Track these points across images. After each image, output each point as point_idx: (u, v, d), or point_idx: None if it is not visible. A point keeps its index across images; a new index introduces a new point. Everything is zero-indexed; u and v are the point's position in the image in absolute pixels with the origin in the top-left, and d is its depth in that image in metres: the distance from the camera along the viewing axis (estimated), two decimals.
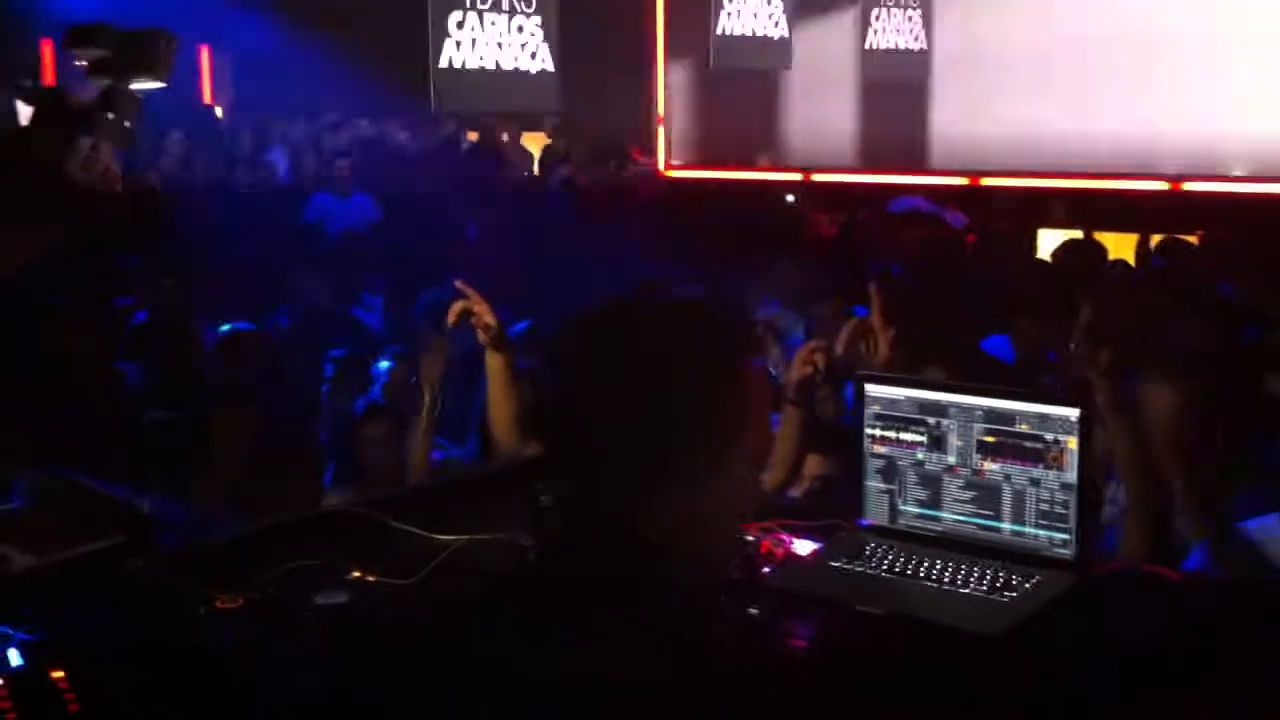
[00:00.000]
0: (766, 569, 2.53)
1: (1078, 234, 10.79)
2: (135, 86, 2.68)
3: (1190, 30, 10.03)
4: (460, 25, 6.49)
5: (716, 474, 1.55)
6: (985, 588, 2.41)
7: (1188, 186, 10.48)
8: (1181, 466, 2.95)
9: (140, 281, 6.63)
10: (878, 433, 2.68)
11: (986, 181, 11.50)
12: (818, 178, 12.49)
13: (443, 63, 6.54)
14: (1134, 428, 2.94)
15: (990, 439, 2.56)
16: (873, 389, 2.69)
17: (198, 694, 2.14)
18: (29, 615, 2.25)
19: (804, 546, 2.65)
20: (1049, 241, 10.73)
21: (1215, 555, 2.87)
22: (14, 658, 2.15)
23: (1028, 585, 2.41)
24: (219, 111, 12.87)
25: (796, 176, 12.66)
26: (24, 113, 2.71)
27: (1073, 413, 2.48)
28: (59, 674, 2.09)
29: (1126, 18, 10.28)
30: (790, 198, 12.20)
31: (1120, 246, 9.51)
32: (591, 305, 1.61)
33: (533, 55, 6.84)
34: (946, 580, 2.45)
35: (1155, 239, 9.04)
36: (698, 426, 1.54)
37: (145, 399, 5.50)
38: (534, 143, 13.08)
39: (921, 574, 2.48)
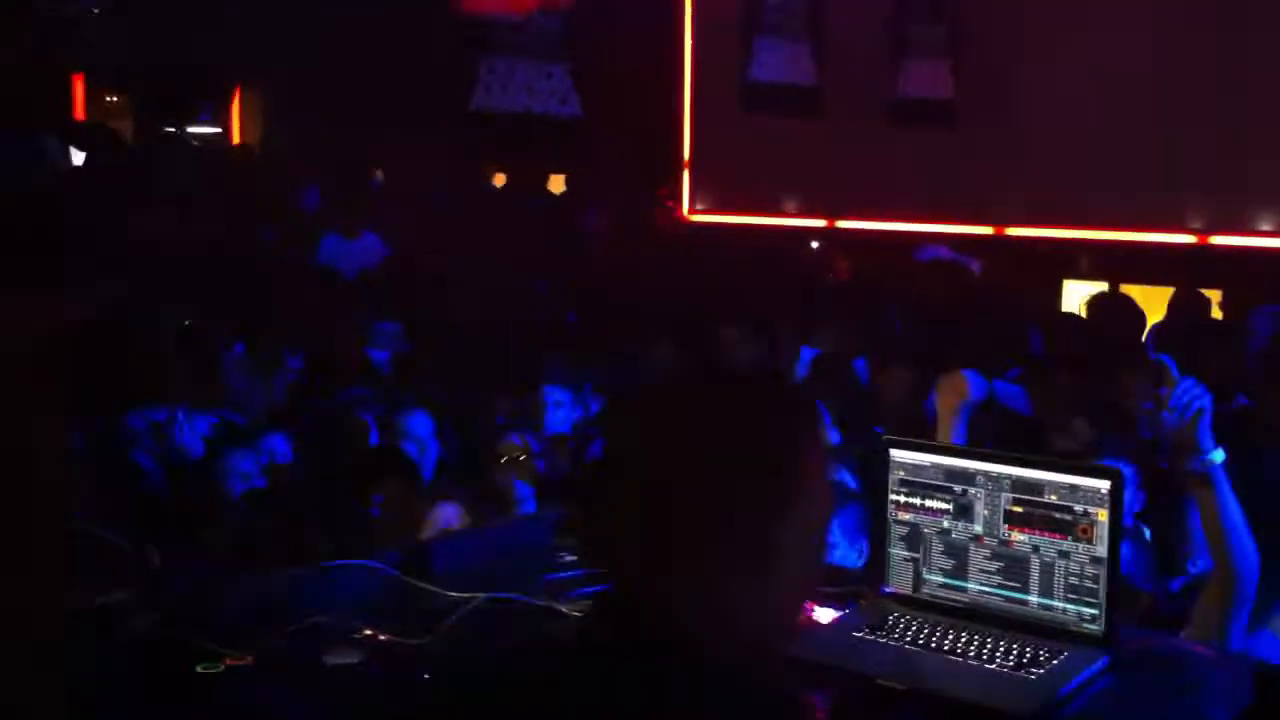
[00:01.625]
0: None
1: (1103, 285, 10.77)
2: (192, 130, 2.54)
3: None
4: (491, 70, 6.51)
5: (773, 553, 1.49)
6: (1012, 663, 2.35)
7: (1214, 240, 10.43)
8: None
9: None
10: (902, 499, 2.63)
11: (1012, 231, 11.47)
12: (842, 224, 12.48)
13: (475, 105, 6.56)
14: (1232, 501, 2.84)
15: (1018, 509, 2.51)
16: (897, 454, 2.64)
17: None
18: None
19: (825, 614, 2.60)
20: (1073, 292, 10.70)
21: None
22: None
23: (1055, 661, 2.35)
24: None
25: (821, 223, 12.65)
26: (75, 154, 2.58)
27: (1103, 484, 2.43)
28: None
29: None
30: (815, 244, 12.19)
31: (1148, 299, 9.46)
32: (644, 381, 1.58)
33: (562, 101, 6.85)
34: (972, 654, 2.39)
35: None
36: (752, 504, 1.48)
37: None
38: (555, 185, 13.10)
39: (946, 647, 2.42)
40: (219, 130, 12.90)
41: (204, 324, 6.72)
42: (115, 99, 12.17)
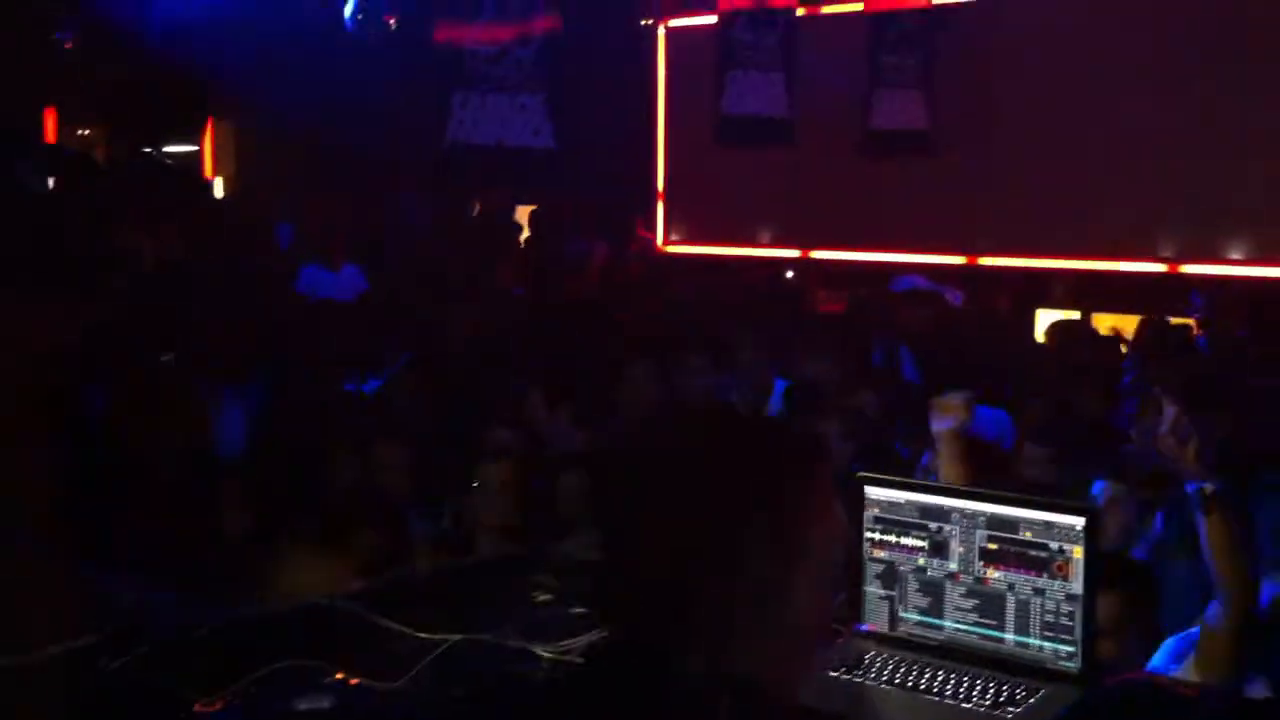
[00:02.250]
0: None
1: (1074, 314, 10.82)
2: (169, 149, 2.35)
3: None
4: (464, 105, 6.51)
5: (783, 602, 1.48)
6: (988, 702, 2.34)
7: (1185, 269, 10.51)
8: None
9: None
10: (877, 536, 2.62)
11: (985, 260, 11.53)
12: (817, 254, 12.52)
13: (450, 137, 6.55)
14: (1236, 526, 2.84)
15: (993, 546, 2.50)
16: (873, 491, 2.63)
17: None
18: None
19: None
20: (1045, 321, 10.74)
21: None
22: None
23: (1032, 700, 2.34)
24: (219, 186, 12.89)
25: (795, 253, 12.69)
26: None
27: (1078, 521, 2.42)
28: None
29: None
30: (789, 274, 12.23)
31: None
32: (644, 428, 1.57)
33: (535, 132, 6.85)
34: (949, 693, 2.38)
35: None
36: (756, 552, 1.47)
37: None
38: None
39: (922, 686, 2.41)
40: (195, 149, 12.81)
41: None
42: (87, 131, 12.13)
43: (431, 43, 6.46)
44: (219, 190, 12.92)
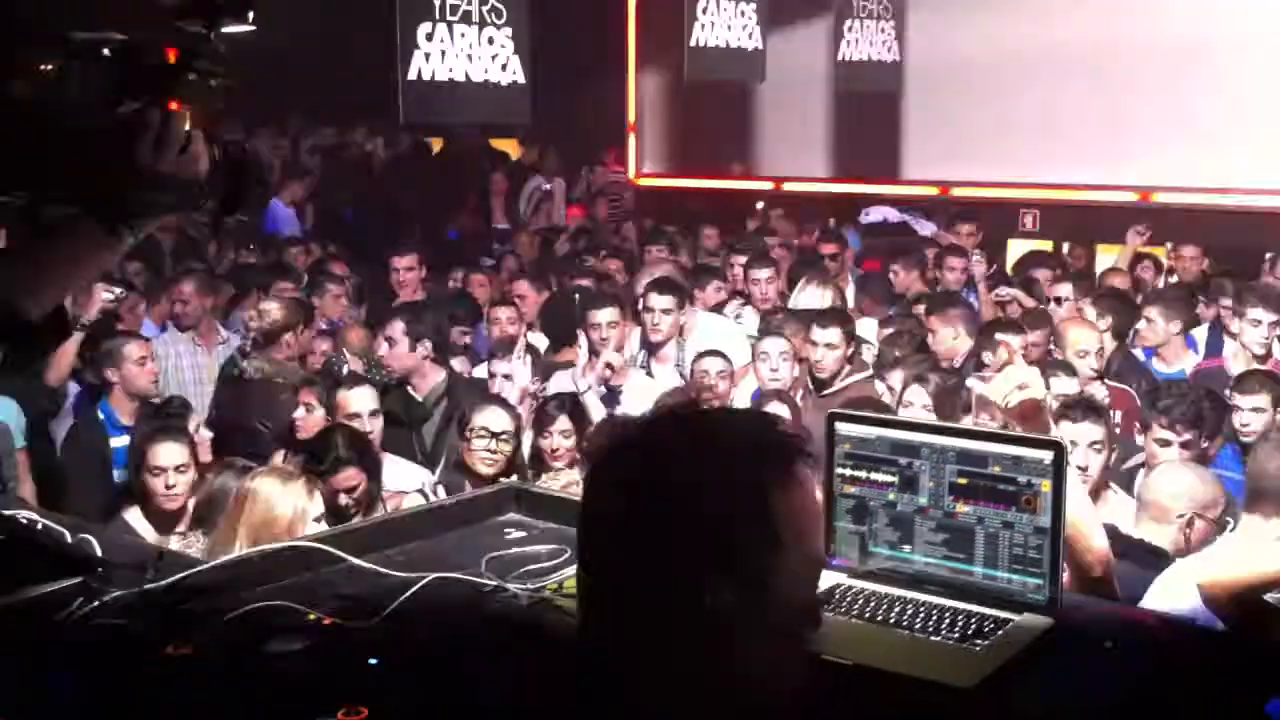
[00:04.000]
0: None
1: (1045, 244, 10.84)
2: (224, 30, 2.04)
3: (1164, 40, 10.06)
4: (430, 37, 6.42)
5: (770, 603, 1.48)
6: (957, 635, 2.35)
7: (1157, 198, 10.52)
8: None
9: None
10: (848, 472, 2.62)
11: (957, 191, 11.52)
12: (789, 187, 12.49)
13: (411, 74, 6.46)
14: None
15: (963, 480, 2.51)
16: (843, 427, 2.63)
17: None
18: None
19: None
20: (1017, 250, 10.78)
21: None
22: None
23: (1001, 632, 2.36)
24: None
25: (768, 185, 12.66)
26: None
27: (1046, 455, 2.43)
28: None
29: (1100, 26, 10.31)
30: (760, 205, 12.20)
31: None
32: (623, 428, 1.56)
33: (503, 67, 6.77)
34: (918, 626, 2.39)
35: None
36: (747, 556, 1.47)
37: None
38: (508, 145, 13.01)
39: (892, 620, 2.42)
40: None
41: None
42: None
43: None
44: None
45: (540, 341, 7.25)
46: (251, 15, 2.03)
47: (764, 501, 1.48)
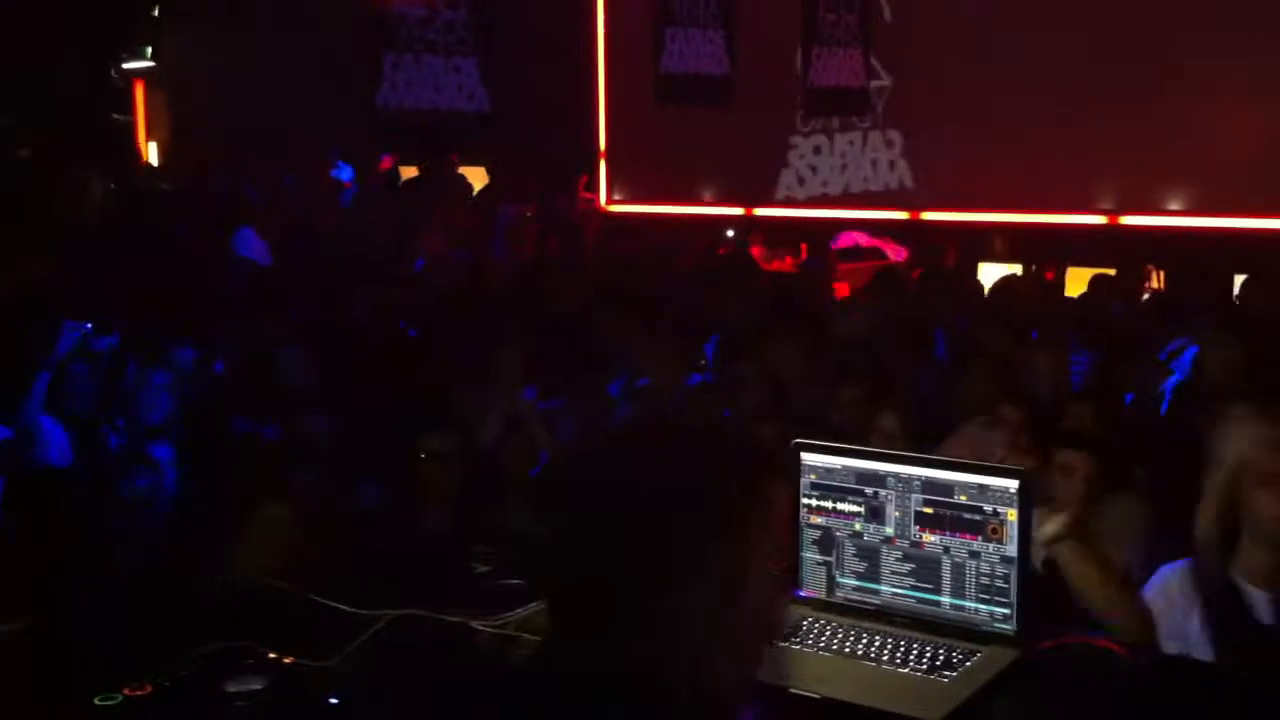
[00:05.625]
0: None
1: (1016, 268, 10.87)
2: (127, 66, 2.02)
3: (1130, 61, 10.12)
4: (395, 68, 6.42)
5: (728, 606, 1.47)
6: (925, 666, 2.34)
7: (1125, 220, 10.57)
8: None
9: None
10: (814, 502, 2.61)
11: (927, 216, 11.55)
12: (759, 212, 12.50)
13: (380, 102, 6.46)
14: None
15: (929, 510, 2.49)
16: (809, 458, 2.61)
17: None
18: None
19: None
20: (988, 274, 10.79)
21: None
22: None
23: (969, 663, 2.34)
24: (152, 150, 12.69)
25: (739, 211, 12.66)
26: None
27: (1012, 484, 2.42)
28: None
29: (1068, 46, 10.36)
30: (730, 233, 12.20)
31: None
32: (596, 434, 1.57)
33: (469, 97, 6.77)
34: (885, 659, 2.37)
35: None
36: (702, 554, 1.47)
37: None
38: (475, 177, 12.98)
39: (859, 652, 2.40)
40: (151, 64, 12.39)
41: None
42: None
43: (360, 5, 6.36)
44: (153, 156, 12.72)
45: None
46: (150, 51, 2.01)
47: (729, 508, 1.48)
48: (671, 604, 1.45)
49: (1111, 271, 9.25)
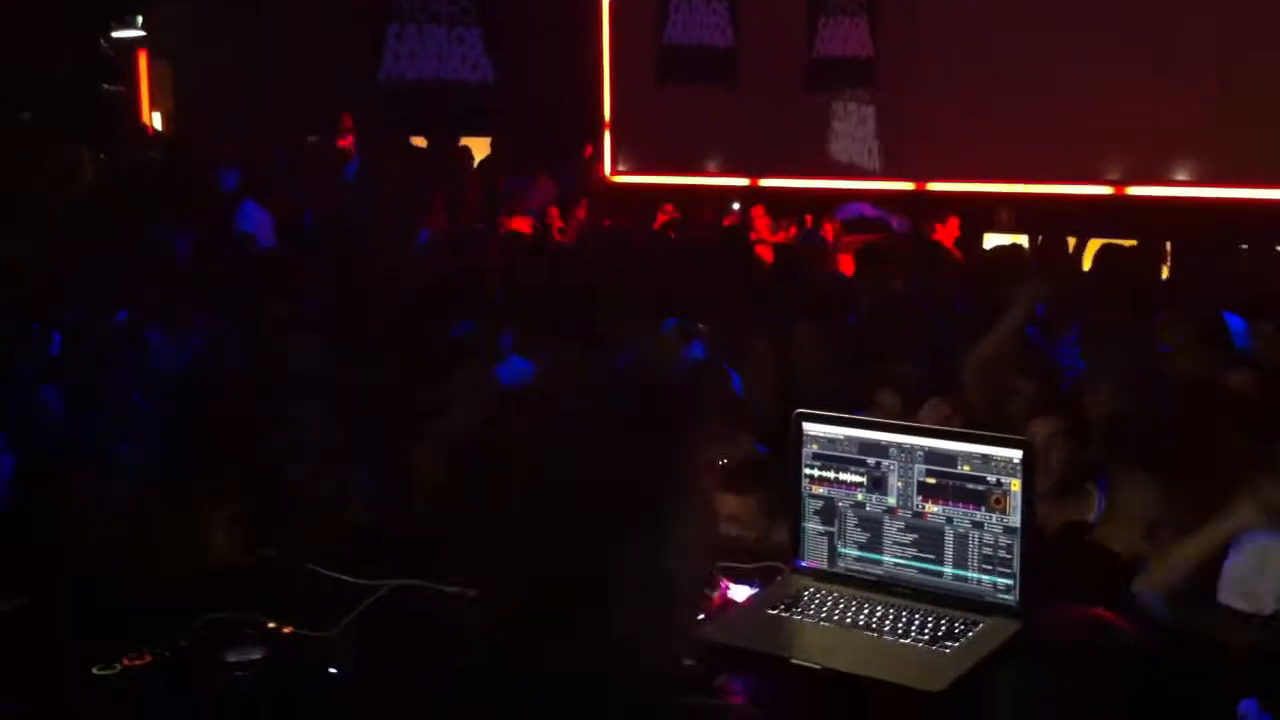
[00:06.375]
0: (702, 616, 2.43)
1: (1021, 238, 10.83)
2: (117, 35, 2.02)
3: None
4: (399, 38, 6.38)
5: (662, 575, 1.47)
6: (926, 637, 2.33)
7: (1131, 191, 10.54)
8: None
9: None
10: (816, 473, 2.59)
11: (933, 186, 11.52)
12: (765, 183, 12.46)
13: (384, 75, 6.43)
14: None
15: (931, 480, 2.48)
16: (811, 428, 2.60)
17: None
18: None
19: (741, 591, 2.56)
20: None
21: None
22: None
23: (970, 634, 2.33)
24: (157, 120, 12.64)
25: (743, 182, 12.62)
26: None
27: (1015, 454, 2.41)
28: None
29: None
30: (736, 205, 12.16)
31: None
32: (530, 385, 1.57)
33: (473, 67, 6.73)
34: (887, 629, 2.36)
35: None
36: (639, 530, 1.47)
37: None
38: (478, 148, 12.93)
39: (861, 622, 2.39)
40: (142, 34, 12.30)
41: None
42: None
43: None
44: (158, 123, 12.67)
45: None
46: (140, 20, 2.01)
47: (671, 477, 1.49)
48: (609, 584, 1.45)
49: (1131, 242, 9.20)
